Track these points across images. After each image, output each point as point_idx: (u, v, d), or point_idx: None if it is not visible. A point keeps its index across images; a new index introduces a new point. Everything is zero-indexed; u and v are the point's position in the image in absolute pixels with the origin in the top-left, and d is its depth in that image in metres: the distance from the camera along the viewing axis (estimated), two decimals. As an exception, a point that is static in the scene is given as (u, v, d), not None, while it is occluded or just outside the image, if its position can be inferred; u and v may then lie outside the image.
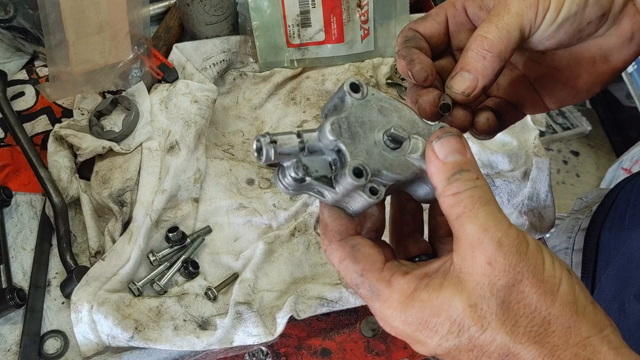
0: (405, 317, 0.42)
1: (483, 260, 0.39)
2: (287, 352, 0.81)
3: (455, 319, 0.40)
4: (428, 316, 0.41)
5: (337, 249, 0.45)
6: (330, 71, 1.06)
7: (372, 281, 0.43)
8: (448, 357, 0.41)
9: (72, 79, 0.92)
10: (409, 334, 0.42)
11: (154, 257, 0.84)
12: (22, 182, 0.90)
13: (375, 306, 0.44)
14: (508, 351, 0.39)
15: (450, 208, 0.41)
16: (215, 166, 0.95)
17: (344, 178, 0.43)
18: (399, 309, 0.42)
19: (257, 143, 0.43)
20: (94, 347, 0.76)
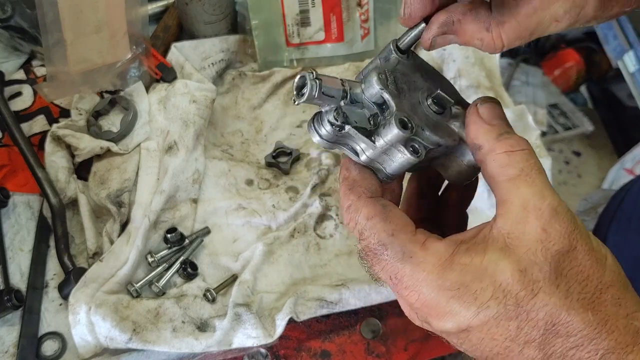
0: (442, 282, 0.38)
1: (538, 226, 0.38)
2: (287, 354, 0.80)
3: (500, 284, 0.37)
4: (469, 281, 0.38)
5: (366, 205, 0.42)
6: (330, 71, 1.06)
7: (405, 242, 0.40)
8: (482, 330, 0.38)
9: (70, 78, 0.92)
10: (441, 302, 0.38)
11: (152, 258, 0.83)
12: (20, 183, 0.90)
13: (404, 269, 0.40)
14: (557, 319, 0.37)
15: (503, 168, 0.40)
16: (214, 167, 0.95)
17: (388, 128, 0.41)
18: (436, 272, 0.39)
19: (300, 79, 0.40)
20: (92, 348, 0.76)
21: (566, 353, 0.37)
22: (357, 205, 0.42)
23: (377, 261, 0.41)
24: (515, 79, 1.33)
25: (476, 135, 0.42)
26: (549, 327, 0.37)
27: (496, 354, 0.38)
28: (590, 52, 1.42)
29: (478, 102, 0.43)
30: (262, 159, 0.97)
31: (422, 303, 0.39)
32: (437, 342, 0.83)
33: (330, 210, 0.91)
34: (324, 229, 0.91)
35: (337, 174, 0.94)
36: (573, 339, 0.36)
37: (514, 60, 1.37)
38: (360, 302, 0.81)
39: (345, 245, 0.89)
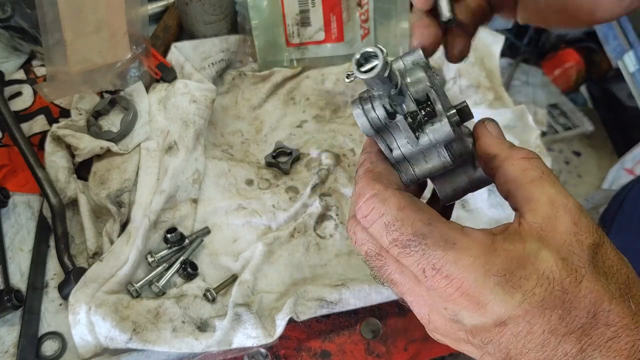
0: (489, 267, 0.37)
1: (568, 220, 0.39)
2: (287, 354, 0.80)
3: (544, 272, 0.37)
4: (514, 267, 0.37)
5: (395, 195, 0.41)
6: (330, 71, 1.06)
7: (445, 229, 0.39)
8: (521, 322, 0.37)
9: (70, 78, 0.92)
10: (485, 290, 0.37)
11: (152, 258, 0.83)
12: (20, 183, 0.90)
13: (447, 257, 0.38)
14: (599, 307, 0.37)
15: (524, 171, 0.41)
16: (214, 166, 0.95)
17: (439, 127, 0.40)
18: (482, 257, 0.38)
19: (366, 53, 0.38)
20: (92, 349, 0.76)
21: (604, 344, 0.36)
22: (385, 195, 0.41)
23: (406, 255, 0.39)
24: (515, 79, 1.33)
25: (490, 146, 0.44)
26: (590, 316, 0.37)
27: (527, 351, 0.38)
28: (590, 52, 1.41)
29: (485, 120, 0.46)
30: (262, 159, 0.97)
31: (462, 292, 0.38)
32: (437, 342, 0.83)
33: (330, 210, 0.91)
34: (324, 229, 0.91)
35: (337, 174, 0.94)
36: (612, 329, 0.36)
37: (514, 60, 1.37)
38: (360, 302, 0.81)
39: (345, 245, 0.89)
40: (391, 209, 0.40)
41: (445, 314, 0.40)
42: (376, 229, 0.40)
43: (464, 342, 0.41)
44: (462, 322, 0.39)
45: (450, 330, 0.41)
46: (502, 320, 0.37)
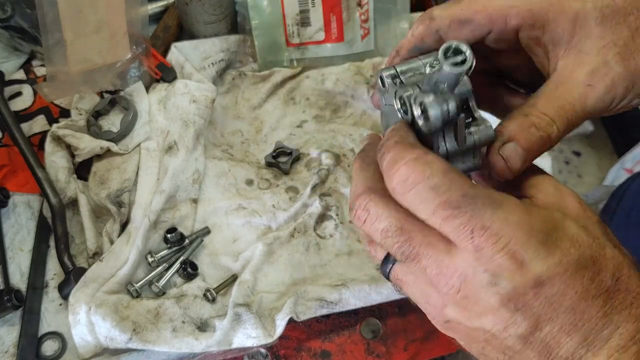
0: (532, 224, 0.38)
1: (575, 201, 0.41)
2: (287, 354, 0.80)
3: (572, 236, 0.39)
4: (551, 229, 0.38)
5: (439, 160, 0.39)
6: (330, 71, 1.05)
7: (489, 191, 0.39)
8: (557, 282, 0.37)
9: (70, 78, 0.92)
10: (529, 248, 0.37)
11: (152, 258, 0.83)
12: (20, 183, 0.90)
13: (497, 215, 0.38)
14: (621, 272, 0.39)
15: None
16: (214, 167, 0.95)
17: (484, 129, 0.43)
18: (526, 215, 0.38)
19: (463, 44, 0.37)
20: (92, 349, 0.76)
21: (623, 310, 0.38)
22: (427, 158, 0.39)
23: (454, 217, 0.38)
24: (515, 79, 1.33)
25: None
26: (614, 280, 0.38)
27: (556, 316, 0.38)
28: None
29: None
30: (262, 159, 0.97)
31: (508, 250, 0.37)
32: (437, 342, 0.83)
33: (330, 210, 0.91)
34: (324, 229, 0.91)
35: (337, 174, 0.94)
36: (632, 295, 0.38)
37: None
38: (360, 302, 0.81)
39: (345, 245, 0.89)
40: (437, 171, 0.38)
41: (484, 279, 0.38)
42: (419, 192, 0.39)
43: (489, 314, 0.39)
44: (501, 284, 0.38)
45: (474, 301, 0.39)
46: (541, 280, 0.37)
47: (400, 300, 0.83)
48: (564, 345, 0.38)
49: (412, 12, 1.07)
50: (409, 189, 0.39)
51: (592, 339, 0.38)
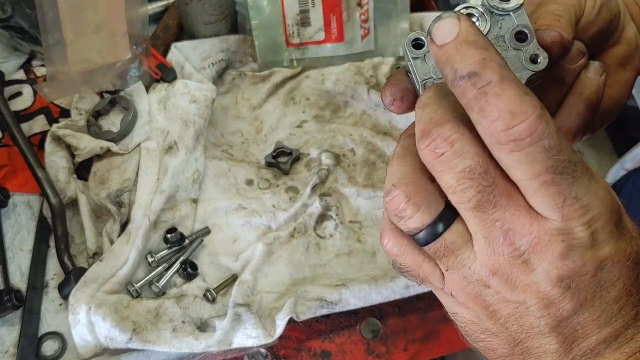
0: (614, 202, 0.36)
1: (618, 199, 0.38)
2: (287, 354, 0.80)
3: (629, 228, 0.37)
4: (622, 212, 0.37)
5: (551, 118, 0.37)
6: (330, 71, 1.05)
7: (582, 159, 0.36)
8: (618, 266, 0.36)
9: (70, 78, 0.92)
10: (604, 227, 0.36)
11: (152, 258, 0.83)
12: (20, 183, 0.90)
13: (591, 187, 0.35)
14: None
15: None
16: (214, 167, 0.95)
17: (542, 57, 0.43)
18: (609, 191, 0.36)
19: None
20: (92, 349, 0.76)
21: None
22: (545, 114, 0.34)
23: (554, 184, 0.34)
24: (515, 79, 1.33)
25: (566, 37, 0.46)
26: None
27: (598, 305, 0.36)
28: (590, 52, 1.41)
29: None
30: (262, 159, 0.97)
31: (590, 225, 0.35)
32: (437, 342, 0.83)
33: (330, 210, 0.91)
34: (324, 229, 0.91)
35: (337, 174, 0.94)
36: None
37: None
38: (360, 302, 0.81)
39: (345, 245, 0.89)
40: (554, 131, 0.34)
41: (558, 249, 0.36)
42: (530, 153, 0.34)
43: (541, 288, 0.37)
44: (571, 258, 0.36)
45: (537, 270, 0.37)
46: (605, 263, 0.36)
47: (400, 300, 0.83)
48: (589, 337, 0.37)
49: (412, 12, 1.07)
50: (521, 149, 0.34)
51: (617, 336, 0.37)
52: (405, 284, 0.82)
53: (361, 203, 0.93)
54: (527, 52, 0.43)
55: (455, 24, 0.36)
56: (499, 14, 0.43)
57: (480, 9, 0.43)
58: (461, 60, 0.34)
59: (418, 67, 0.43)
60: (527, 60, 0.43)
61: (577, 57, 0.48)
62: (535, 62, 0.43)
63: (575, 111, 0.49)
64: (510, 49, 0.43)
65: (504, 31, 0.43)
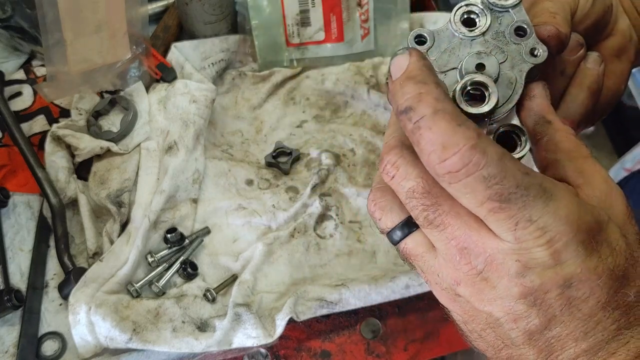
0: (580, 223, 0.36)
1: (622, 202, 0.39)
2: (287, 354, 0.80)
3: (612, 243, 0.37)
4: (596, 230, 0.36)
5: (492, 144, 0.36)
6: (330, 71, 1.05)
7: (542, 179, 0.36)
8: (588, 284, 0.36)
9: (70, 78, 0.92)
10: (568, 247, 0.36)
11: (152, 258, 0.83)
12: (20, 183, 0.90)
13: (548, 208, 0.35)
14: None
15: (579, 146, 0.41)
16: (214, 167, 0.95)
17: None
18: (576, 211, 0.36)
19: None
20: (92, 348, 0.76)
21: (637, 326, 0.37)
22: (482, 143, 0.35)
23: (502, 210, 0.35)
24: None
25: (547, 110, 0.43)
26: (637, 297, 0.37)
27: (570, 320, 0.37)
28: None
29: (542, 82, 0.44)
30: (262, 159, 0.97)
31: (551, 245, 0.35)
32: (437, 342, 0.83)
33: (330, 210, 0.91)
34: (324, 229, 0.91)
35: (337, 174, 0.94)
36: None
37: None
38: (360, 302, 0.81)
39: (345, 245, 0.89)
40: (493, 160, 0.34)
41: (513, 267, 0.36)
42: (469, 183, 0.35)
43: (500, 299, 0.37)
44: (528, 277, 0.36)
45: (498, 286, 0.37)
46: (571, 281, 0.36)
47: (400, 300, 0.83)
48: (567, 350, 0.37)
49: (412, 12, 1.07)
50: (459, 179, 0.35)
51: (597, 350, 0.37)
52: (405, 284, 0.82)
53: (361, 203, 0.93)
54: (527, 46, 0.45)
55: (405, 59, 0.38)
56: (498, 10, 0.45)
57: (480, 6, 0.45)
58: (401, 95, 0.36)
59: None
60: (527, 53, 0.45)
61: (576, 49, 0.50)
62: (535, 55, 0.45)
63: (578, 101, 0.50)
64: (510, 43, 0.45)
65: (504, 27, 0.45)
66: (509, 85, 0.45)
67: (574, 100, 0.50)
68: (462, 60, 0.44)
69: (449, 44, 0.46)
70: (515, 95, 0.44)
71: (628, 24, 0.58)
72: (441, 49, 0.45)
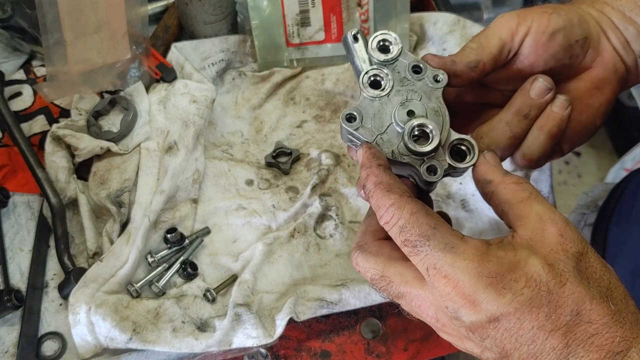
0: (481, 270, 0.43)
1: (555, 232, 0.44)
2: (287, 354, 0.80)
3: (532, 275, 0.42)
4: (505, 271, 0.43)
5: (410, 202, 0.47)
6: (330, 71, 1.05)
7: (447, 234, 0.45)
8: (512, 319, 0.42)
9: (70, 78, 0.92)
10: (478, 290, 0.43)
11: (152, 258, 0.83)
12: (20, 183, 0.90)
13: (445, 259, 0.44)
14: (582, 306, 0.42)
15: (515, 192, 0.48)
16: (214, 167, 0.95)
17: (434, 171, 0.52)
18: (476, 261, 0.43)
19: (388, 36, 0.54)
20: (92, 349, 0.76)
21: (587, 340, 0.41)
22: (401, 202, 0.47)
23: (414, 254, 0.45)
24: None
25: (486, 172, 0.51)
26: (574, 314, 0.41)
27: (520, 346, 0.42)
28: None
29: (484, 151, 0.53)
30: (262, 159, 0.97)
31: (459, 291, 0.43)
32: (437, 342, 0.83)
33: (330, 210, 0.91)
34: (324, 229, 0.91)
35: (337, 174, 0.94)
36: (594, 326, 0.41)
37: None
38: (360, 302, 0.81)
39: (346, 245, 0.89)
40: (405, 214, 0.46)
41: (447, 312, 0.44)
42: (394, 231, 0.47)
43: (466, 339, 0.45)
44: (461, 319, 0.44)
45: (453, 328, 0.45)
46: (496, 317, 0.42)
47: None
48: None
49: (412, 12, 1.07)
50: (389, 229, 0.48)
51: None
52: (405, 284, 0.82)
53: (361, 203, 0.93)
54: (428, 77, 0.54)
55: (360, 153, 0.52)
56: (391, 63, 0.54)
57: (376, 67, 0.54)
58: (360, 177, 0.51)
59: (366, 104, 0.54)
60: (432, 82, 0.54)
61: (543, 92, 0.56)
62: (438, 81, 0.54)
63: (536, 142, 0.57)
64: (415, 82, 0.54)
65: (403, 72, 0.54)
66: (437, 114, 0.53)
67: (533, 142, 0.57)
68: (393, 115, 0.52)
69: (373, 108, 0.53)
70: (446, 118, 0.53)
71: (613, 55, 0.60)
72: (371, 116, 0.53)
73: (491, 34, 0.57)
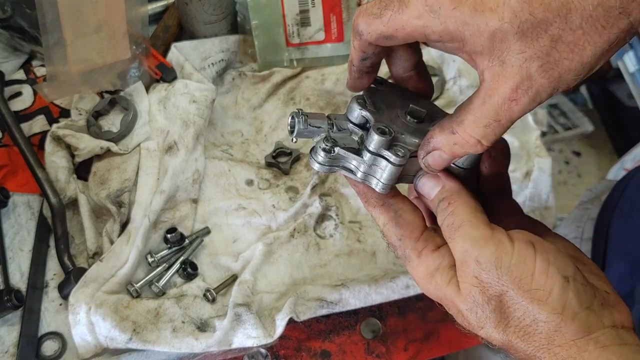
0: (425, 289, 0.49)
1: (471, 274, 0.44)
2: (287, 354, 0.80)
3: (459, 311, 0.46)
4: (441, 298, 0.47)
5: (382, 214, 0.51)
6: (330, 71, 1.05)
7: (407, 248, 0.49)
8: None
9: (70, 78, 0.92)
10: (430, 295, 0.49)
11: (152, 258, 0.83)
12: (20, 183, 0.90)
13: (407, 267, 0.50)
14: (508, 343, 0.44)
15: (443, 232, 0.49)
16: (214, 167, 0.95)
17: (370, 137, 0.47)
18: (421, 281, 0.49)
19: (291, 120, 0.51)
20: (92, 349, 0.76)
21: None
22: (375, 214, 0.52)
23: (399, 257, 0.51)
24: (515, 79, 1.33)
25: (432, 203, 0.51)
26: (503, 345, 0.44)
27: None
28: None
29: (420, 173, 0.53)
30: (262, 159, 0.97)
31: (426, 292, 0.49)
32: (437, 342, 0.83)
33: (330, 210, 0.91)
34: (324, 229, 0.91)
35: (337, 174, 0.94)
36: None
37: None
38: (360, 302, 0.81)
39: (346, 245, 0.89)
40: (380, 224, 0.52)
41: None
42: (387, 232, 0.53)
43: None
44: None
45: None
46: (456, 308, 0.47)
47: (400, 300, 0.83)
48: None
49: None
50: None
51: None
52: (405, 284, 0.82)
53: (360, 203, 0.93)
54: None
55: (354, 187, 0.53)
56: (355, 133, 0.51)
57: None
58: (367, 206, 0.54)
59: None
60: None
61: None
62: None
63: None
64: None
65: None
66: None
67: None
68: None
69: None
70: None
71: None
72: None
73: None
